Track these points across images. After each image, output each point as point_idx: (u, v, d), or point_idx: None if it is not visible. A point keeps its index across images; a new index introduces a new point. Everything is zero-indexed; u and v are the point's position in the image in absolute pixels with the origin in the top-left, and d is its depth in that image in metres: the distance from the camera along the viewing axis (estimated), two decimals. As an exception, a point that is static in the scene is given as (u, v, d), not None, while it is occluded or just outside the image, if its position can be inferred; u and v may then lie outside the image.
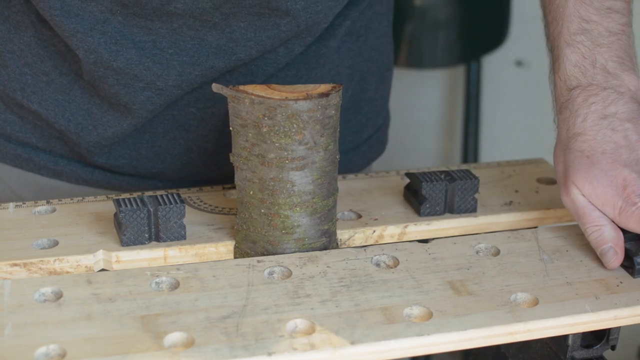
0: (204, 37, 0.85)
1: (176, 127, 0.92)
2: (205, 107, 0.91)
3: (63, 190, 0.97)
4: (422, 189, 0.85)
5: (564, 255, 0.80)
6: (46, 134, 0.93)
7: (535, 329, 0.70)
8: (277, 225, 0.77)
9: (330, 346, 0.66)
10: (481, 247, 0.81)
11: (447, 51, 1.74)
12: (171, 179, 0.96)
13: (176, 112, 0.91)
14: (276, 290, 0.72)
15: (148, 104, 0.88)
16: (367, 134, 1.06)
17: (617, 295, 0.74)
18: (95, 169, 0.95)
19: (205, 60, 0.86)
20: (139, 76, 0.86)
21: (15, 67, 0.90)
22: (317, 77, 0.95)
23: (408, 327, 0.68)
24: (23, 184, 0.97)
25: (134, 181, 0.96)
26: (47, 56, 0.89)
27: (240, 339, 0.66)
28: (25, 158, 0.95)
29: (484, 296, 0.73)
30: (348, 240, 0.83)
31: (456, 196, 0.86)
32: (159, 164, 0.94)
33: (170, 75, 0.86)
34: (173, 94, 0.88)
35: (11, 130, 0.93)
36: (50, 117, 0.91)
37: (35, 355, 0.63)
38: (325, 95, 0.74)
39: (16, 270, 0.76)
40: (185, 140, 0.93)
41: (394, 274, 0.75)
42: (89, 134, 0.91)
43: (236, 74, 0.89)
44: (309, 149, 0.74)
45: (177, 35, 0.84)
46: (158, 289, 0.72)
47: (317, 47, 0.94)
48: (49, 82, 0.90)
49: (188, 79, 0.87)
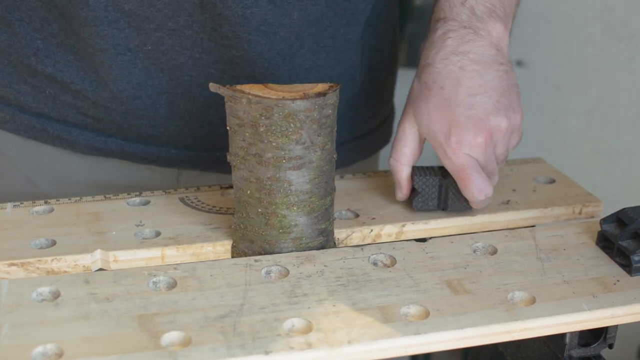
0: None
1: (195, 87, 0.92)
2: (224, 70, 0.91)
3: (76, 175, 0.97)
4: (415, 182, 0.85)
5: (561, 254, 0.80)
6: (59, 103, 0.94)
7: (532, 328, 0.70)
8: (274, 225, 0.77)
9: (327, 345, 0.66)
10: (478, 246, 0.81)
11: (446, 51, 1.74)
12: (187, 143, 0.96)
13: (195, 73, 0.91)
14: (273, 290, 0.72)
15: (159, 44, 0.89)
16: (375, 122, 1.07)
17: (614, 294, 0.74)
18: (109, 137, 0.96)
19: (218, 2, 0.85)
20: (150, 17, 0.87)
21: (26, 34, 0.91)
22: (340, 61, 0.96)
23: (405, 326, 0.68)
24: (37, 171, 0.97)
25: (148, 149, 0.96)
26: (52, 18, 0.90)
27: (237, 338, 0.66)
28: (39, 129, 0.96)
29: (481, 295, 0.73)
30: (345, 239, 0.84)
31: (450, 192, 0.86)
32: (177, 122, 0.94)
33: (181, 15, 0.87)
34: (184, 34, 0.88)
35: (24, 101, 0.95)
36: (66, 77, 0.92)
37: (33, 354, 0.64)
38: (322, 95, 0.74)
39: (14, 270, 0.76)
40: (205, 98, 0.93)
41: (391, 273, 0.75)
42: (104, 90, 0.92)
43: (253, 42, 0.89)
44: (306, 149, 0.75)
45: None
46: (155, 289, 0.72)
47: (344, 31, 0.94)
48: (59, 44, 0.91)
49: (199, 19, 0.87)
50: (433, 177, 0.86)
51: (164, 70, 0.91)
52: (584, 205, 0.91)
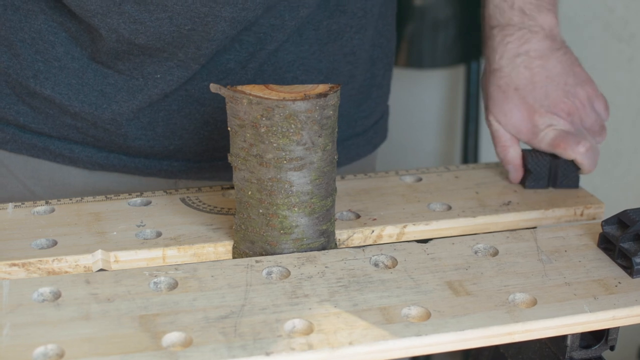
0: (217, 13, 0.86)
1: (191, 102, 0.93)
2: (218, 80, 0.92)
3: (76, 185, 0.98)
4: (528, 163, 0.93)
5: (562, 255, 0.80)
6: (59, 122, 0.94)
7: (533, 329, 0.70)
8: (275, 226, 0.77)
9: (328, 346, 0.66)
10: (480, 248, 0.81)
11: (447, 51, 1.74)
12: (187, 157, 0.97)
13: (190, 87, 0.92)
14: (274, 291, 0.72)
15: (167, 74, 0.90)
16: (374, 118, 1.08)
17: (616, 296, 0.74)
18: (110, 153, 0.96)
19: (221, 33, 0.87)
20: (161, 49, 0.88)
21: (27, 55, 0.91)
22: (330, 53, 0.97)
23: (406, 327, 0.68)
24: (36, 179, 0.97)
25: (149, 163, 0.97)
26: (58, 42, 0.90)
27: (238, 339, 0.66)
28: (40, 147, 0.96)
29: (482, 296, 0.73)
30: (346, 240, 0.83)
31: (559, 170, 0.93)
32: (176, 141, 0.95)
33: (189, 48, 0.88)
34: (191, 67, 0.90)
35: (24, 121, 0.94)
36: (64, 100, 0.92)
37: (34, 355, 0.64)
38: (323, 96, 0.74)
39: (15, 270, 0.76)
40: (201, 114, 0.94)
41: (392, 274, 0.75)
42: (104, 112, 0.92)
43: (245, 43, 0.90)
44: (307, 150, 0.74)
45: (192, 12, 0.85)
46: (156, 289, 0.72)
47: (328, 23, 0.95)
48: (62, 67, 0.91)
49: (205, 53, 0.89)
50: (544, 157, 0.93)
51: (165, 95, 0.92)
52: (586, 206, 0.91)
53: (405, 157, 1.90)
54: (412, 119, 1.90)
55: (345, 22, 0.97)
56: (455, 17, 1.71)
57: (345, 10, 0.96)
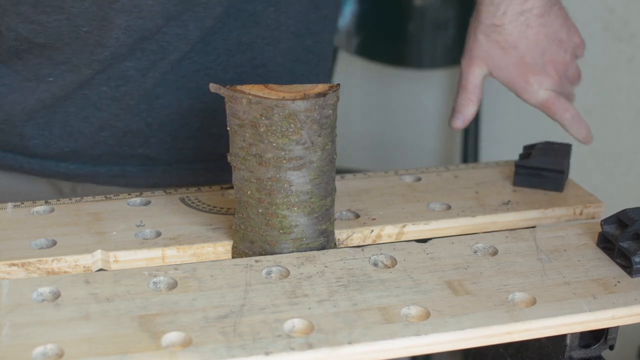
0: None
1: (88, 106, 0.93)
2: (117, 86, 0.92)
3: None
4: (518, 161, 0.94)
5: (562, 254, 0.80)
6: None
7: (533, 329, 0.70)
8: (274, 225, 0.77)
9: (327, 346, 0.66)
10: (479, 247, 0.81)
11: (447, 51, 1.74)
12: (83, 160, 0.97)
13: (88, 91, 0.92)
14: (274, 290, 0.72)
15: (60, 78, 0.90)
16: None
17: (615, 295, 0.74)
18: (7, 153, 0.96)
19: (115, 40, 0.88)
20: (60, 49, 0.88)
21: None
22: (239, 64, 0.96)
23: (405, 327, 0.68)
24: None
25: (46, 164, 0.97)
26: None
27: (237, 339, 0.66)
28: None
29: (482, 296, 0.73)
30: (346, 240, 0.83)
31: (545, 173, 0.93)
32: (72, 143, 0.95)
33: (84, 53, 0.88)
34: (83, 72, 0.90)
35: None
36: None
37: (33, 355, 0.64)
38: (322, 95, 0.74)
39: (14, 270, 0.76)
40: (98, 119, 0.94)
41: (392, 274, 0.75)
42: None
43: (147, 51, 0.90)
44: (307, 149, 0.75)
45: (89, 15, 0.86)
46: (156, 289, 0.72)
47: (239, 34, 0.95)
48: None
49: (98, 59, 0.89)
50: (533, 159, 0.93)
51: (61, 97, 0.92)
52: (585, 206, 0.91)
53: (405, 156, 1.90)
54: (412, 119, 1.90)
55: (257, 33, 0.96)
56: (455, 18, 1.71)
57: (258, 21, 0.96)
